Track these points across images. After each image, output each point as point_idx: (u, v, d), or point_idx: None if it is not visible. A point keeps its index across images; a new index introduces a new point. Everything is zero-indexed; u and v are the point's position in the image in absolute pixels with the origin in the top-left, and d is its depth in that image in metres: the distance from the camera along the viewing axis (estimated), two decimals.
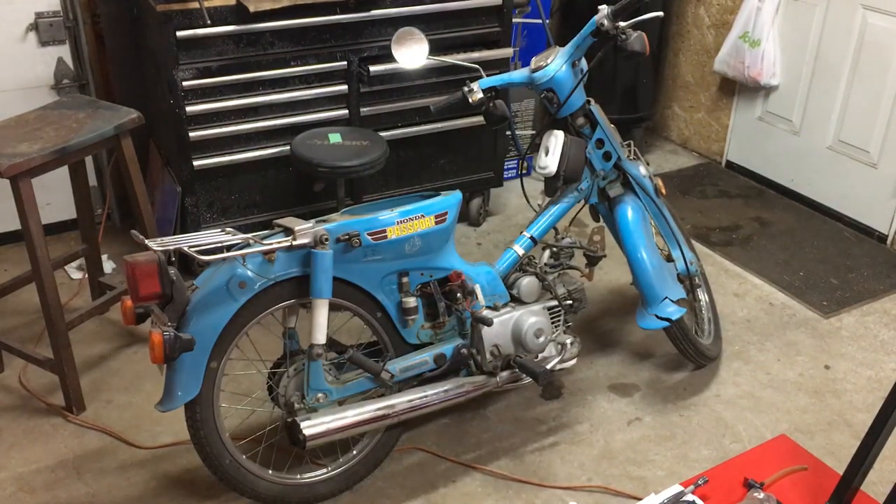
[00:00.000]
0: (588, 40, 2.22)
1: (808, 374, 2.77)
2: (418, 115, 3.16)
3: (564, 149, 2.30)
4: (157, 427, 2.46)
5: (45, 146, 2.33)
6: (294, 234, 1.94)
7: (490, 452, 2.42)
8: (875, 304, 3.13)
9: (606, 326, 2.99)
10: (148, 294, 1.82)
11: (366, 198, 3.17)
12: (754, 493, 2.21)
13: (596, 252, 2.49)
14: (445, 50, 3.10)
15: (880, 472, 2.31)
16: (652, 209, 2.55)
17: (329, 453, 2.27)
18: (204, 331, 1.92)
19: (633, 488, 2.30)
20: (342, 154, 2.71)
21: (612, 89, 3.99)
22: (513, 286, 2.37)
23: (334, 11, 2.86)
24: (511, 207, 3.74)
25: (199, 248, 1.85)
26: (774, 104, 3.87)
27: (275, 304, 2.03)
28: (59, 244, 3.30)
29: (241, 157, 2.92)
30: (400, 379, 2.21)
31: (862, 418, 2.55)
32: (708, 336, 2.78)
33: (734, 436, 2.50)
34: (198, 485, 2.28)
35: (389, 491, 2.29)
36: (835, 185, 3.67)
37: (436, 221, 2.14)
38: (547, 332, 2.33)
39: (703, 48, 4.14)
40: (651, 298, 2.44)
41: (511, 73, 2.37)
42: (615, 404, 2.62)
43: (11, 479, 2.29)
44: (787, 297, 3.17)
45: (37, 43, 3.16)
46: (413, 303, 2.17)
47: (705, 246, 3.47)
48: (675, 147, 4.43)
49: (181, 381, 1.93)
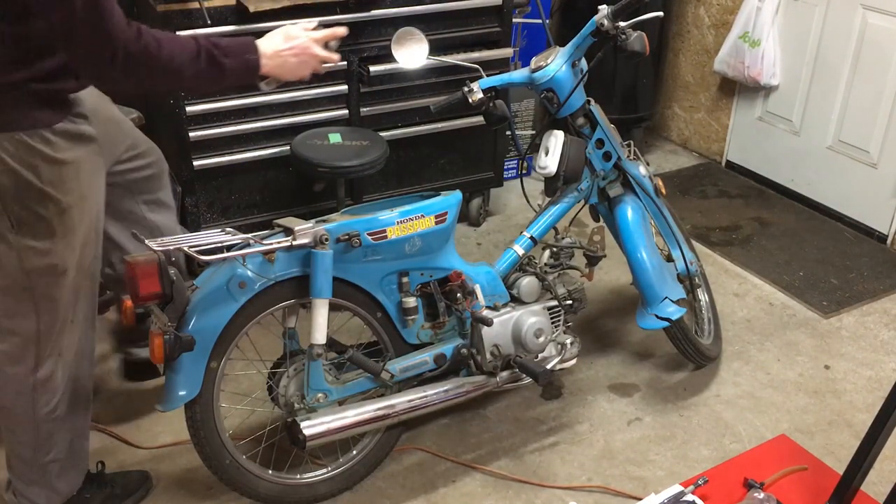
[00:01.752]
0: (588, 40, 2.22)
1: (808, 374, 2.77)
2: (418, 115, 3.16)
3: (564, 149, 2.30)
4: (157, 427, 2.46)
5: None
6: (294, 234, 1.94)
7: (490, 452, 2.42)
8: (875, 304, 3.13)
9: (606, 326, 2.99)
10: (148, 294, 1.82)
11: (366, 198, 3.17)
12: (754, 493, 2.21)
13: (596, 252, 2.49)
14: (445, 50, 3.10)
15: (880, 472, 2.31)
16: (652, 209, 2.55)
17: (329, 453, 2.27)
18: (204, 331, 1.92)
19: (633, 488, 2.30)
20: (342, 154, 2.71)
21: (612, 89, 3.99)
22: (513, 286, 2.37)
23: (334, 11, 2.86)
24: (511, 207, 3.74)
25: (199, 248, 1.85)
26: (774, 104, 3.87)
27: (275, 304, 2.03)
28: None
29: (241, 157, 2.92)
30: (400, 379, 2.21)
31: (862, 418, 2.55)
32: (708, 336, 2.78)
33: (734, 436, 2.50)
34: (198, 485, 2.28)
35: (389, 491, 2.29)
36: (835, 185, 3.67)
37: (436, 221, 2.14)
38: (547, 332, 2.33)
39: (703, 48, 4.14)
40: (651, 298, 2.44)
41: (511, 73, 2.37)
42: (615, 404, 2.62)
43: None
44: (787, 297, 3.17)
45: None
46: (413, 303, 2.17)
47: (705, 246, 3.47)
48: (675, 147, 4.43)
49: (181, 381, 1.93)
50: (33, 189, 1.72)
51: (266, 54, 1.79)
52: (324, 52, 1.90)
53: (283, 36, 1.84)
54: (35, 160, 1.71)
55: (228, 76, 1.76)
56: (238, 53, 1.76)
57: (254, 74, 1.81)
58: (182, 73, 1.68)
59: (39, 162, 1.71)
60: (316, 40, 1.88)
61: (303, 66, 1.87)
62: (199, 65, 1.69)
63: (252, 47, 1.78)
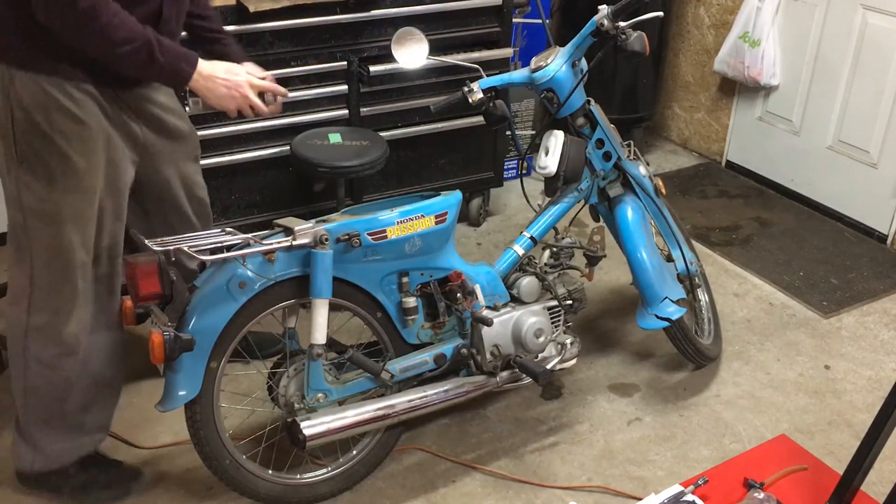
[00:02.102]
0: (588, 40, 2.22)
1: (808, 374, 2.77)
2: (418, 115, 3.16)
3: (564, 149, 2.30)
4: (158, 427, 2.46)
5: None
6: (294, 234, 1.94)
7: (490, 452, 2.42)
8: (875, 304, 3.13)
9: (606, 326, 2.99)
10: (148, 294, 1.82)
11: (366, 198, 3.17)
12: (754, 493, 2.21)
13: (596, 252, 2.49)
14: (445, 50, 3.10)
15: (880, 472, 2.31)
16: (652, 209, 2.55)
17: (329, 453, 2.27)
18: (204, 331, 1.92)
19: (633, 488, 2.30)
20: (342, 154, 2.71)
21: (612, 89, 3.99)
22: (513, 286, 2.37)
23: (334, 11, 2.86)
24: (511, 207, 3.74)
25: (199, 248, 1.85)
26: (774, 104, 3.87)
27: (275, 304, 2.03)
28: None
29: (241, 157, 2.92)
30: (400, 379, 2.21)
31: (862, 418, 2.55)
32: (708, 336, 2.78)
33: (734, 436, 2.50)
34: (198, 485, 2.28)
35: (389, 491, 2.29)
36: (835, 185, 3.67)
37: (436, 221, 2.14)
38: (547, 332, 2.33)
39: (703, 48, 4.14)
40: (651, 298, 2.44)
41: (511, 73, 2.37)
42: (615, 404, 2.62)
43: (12, 480, 2.28)
44: (787, 297, 3.17)
45: None
46: (413, 303, 2.17)
47: (705, 246, 3.47)
48: (675, 147, 4.44)
49: (181, 381, 1.93)
50: (40, 132, 1.84)
51: (202, 73, 1.91)
52: (255, 97, 2.02)
53: (226, 68, 1.98)
54: (49, 106, 1.82)
55: (157, 73, 1.87)
56: (175, 58, 1.87)
57: (181, 83, 1.92)
58: (115, 49, 1.77)
59: (53, 109, 1.82)
60: (253, 85, 2.01)
61: (230, 99, 1.98)
62: (135, 50, 1.79)
63: (191, 60, 1.90)
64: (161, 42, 1.82)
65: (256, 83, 2.02)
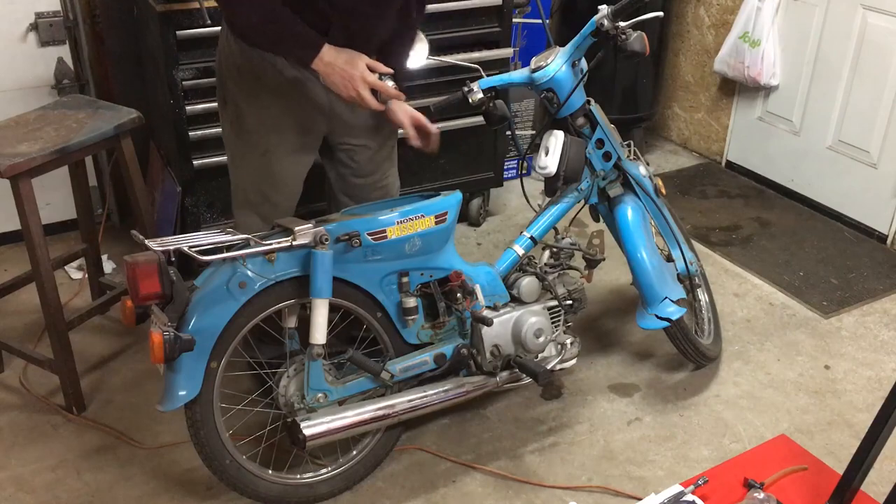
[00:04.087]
0: (588, 40, 2.22)
1: (808, 374, 2.77)
2: None
3: (564, 149, 2.30)
4: (158, 427, 2.46)
5: (45, 146, 2.33)
6: (294, 234, 1.94)
7: (490, 452, 2.42)
8: (875, 304, 3.13)
9: (606, 326, 2.99)
10: (148, 294, 1.82)
11: None
12: (754, 493, 2.21)
13: (595, 256, 2.49)
14: (445, 50, 3.10)
15: (880, 472, 2.31)
16: (652, 209, 2.55)
17: (329, 453, 2.27)
18: (204, 331, 1.92)
19: (633, 488, 2.30)
20: None
21: (612, 89, 3.99)
22: (513, 286, 2.37)
23: None
24: (511, 207, 3.74)
25: (199, 248, 1.85)
26: (774, 104, 3.87)
27: (275, 304, 2.03)
28: (59, 244, 3.30)
29: None
30: (400, 379, 2.21)
31: (862, 418, 2.55)
32: (708, 336, 2.78)
33: (734, 436, 2.50)
34: (198, 484, 2.28)
35: (389, 491, 2.29)
36: (835, 185, 3.67)
37: (436, 221, 2.14)
38: (547, 332, 2.33)
39: (703, 48, 4.14)
40: (651, 298, 2.44)
41: (511, 73, 2.37)
42: (615, 404, 2.62)
43: (11, 479, 2.29)
44: (787, 297, 3.17)
45: (37, 43, 3.16)
46: (413, 303, 2.17)
47: (705, 246, 3.47)
48: (675, 147, 4.44)
49: (181, 381, 1.93)
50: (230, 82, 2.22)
51: (322, 59, 2.04)
52: (366, 92, 2.08)
53: (348, 58, 2.06)
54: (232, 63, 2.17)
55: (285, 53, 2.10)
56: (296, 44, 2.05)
57: (304, 65, 2.08)
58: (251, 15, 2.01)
59: (234, 67, 2.18)
60: (366, 81, 2.07)
61: (342, 87, 2.07)
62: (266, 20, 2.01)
63: (317, 44, 2.04)
64: (291, 26, 1.99)
65: (369, 80, 2.08)
